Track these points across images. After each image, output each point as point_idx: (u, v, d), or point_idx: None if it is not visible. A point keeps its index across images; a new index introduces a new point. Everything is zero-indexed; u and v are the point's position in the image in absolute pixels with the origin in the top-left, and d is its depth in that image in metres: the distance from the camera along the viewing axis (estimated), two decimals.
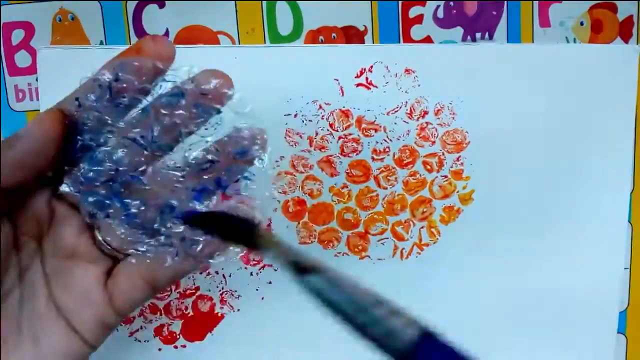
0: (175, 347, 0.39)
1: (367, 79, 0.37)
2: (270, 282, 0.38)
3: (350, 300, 0.18)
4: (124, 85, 0.23)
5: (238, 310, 0.39)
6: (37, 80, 0.37)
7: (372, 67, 0.37)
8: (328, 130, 0.38)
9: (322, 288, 0.19)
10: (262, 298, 0.39)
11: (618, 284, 0.40)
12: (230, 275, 0.39)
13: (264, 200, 0.26)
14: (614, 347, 0.40)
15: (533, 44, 0.39)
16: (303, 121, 0.37)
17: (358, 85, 0.37)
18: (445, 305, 0.39)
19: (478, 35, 0.39)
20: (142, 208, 0.25)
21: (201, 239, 0.25)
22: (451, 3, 0.38)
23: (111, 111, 0.24)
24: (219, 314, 0.39)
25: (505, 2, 0.38)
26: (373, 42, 0.38)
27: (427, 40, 0.38)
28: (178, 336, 0.39)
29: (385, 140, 0.38)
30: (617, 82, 0.38)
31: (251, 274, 0.39)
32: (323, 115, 0.37)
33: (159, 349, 0.39)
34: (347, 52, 0.37)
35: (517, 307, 0.40)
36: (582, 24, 0.39)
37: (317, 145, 0.38)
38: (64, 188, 0.24)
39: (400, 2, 0.38)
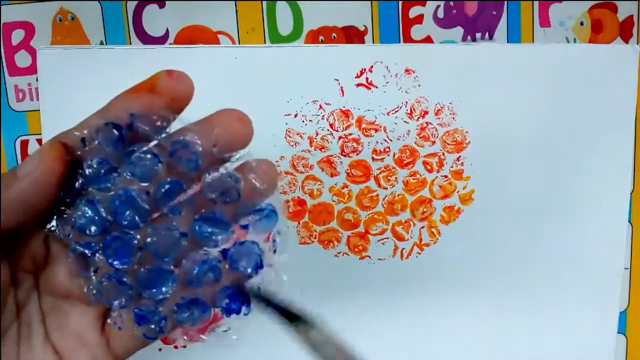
0: (176, 347, 0.39)
1: (367, 79, 0.37)
2: (270, 283, 0.38)
3: None
4: (139, 134, 0.21)
5: None
6: (37, 80, 0.37)
7: (372, 67, 0.37)
8: (328, 130, 0.38)
9: None
10: None
11: (618, 284, 0.40)
12: None
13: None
14: (614, 347, 0.40)
15: (533, 44, 0.39)
16: (303, 121, 0.37)
17: (358, 85, 0.37)
18: (445, 305, 0.39)
19: (478, 35, 0.39)
20: (134, 268, 0.23)
21: (195, 313, 0.24)
22: (451, 3, 0.38)
23: (118, 158, 0.22)
24: (219, 314, 0.39)
25: (505, 2, 0.38)
26: (373, 42, 0.38)
27: (427, 40, 0.38)
28: None
29: (386, 140, 0.38)
30: (617, 82, 0.38)
31: None
32: (323, 115, 0.37)
33: (159, 349, 0.39)
34: (347, 52, 0.37)
35: (517, 307, 0.40)
36: (582, 24, 0.39)
37: (318, 145, 0.38)
38: (52, 228, 0.23)
39: (400, 2, 0.38)
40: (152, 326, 0.24)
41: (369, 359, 0.20)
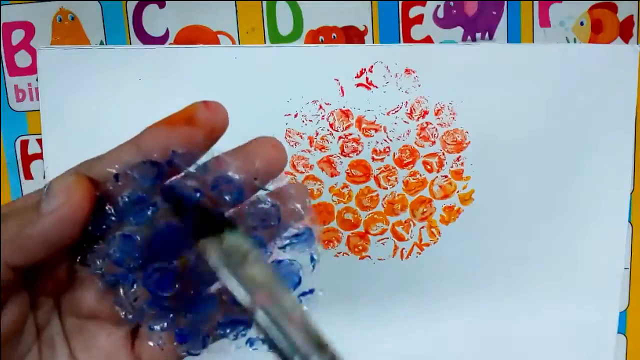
0: None
1: (367, 79, 0.37)
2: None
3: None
4: (179, 169, 0.21)
5: None
6: (37, 80, 0.37)
7: (372, 67, 0.37)
8: (328, 130, 0.38)
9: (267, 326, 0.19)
10: None
11: (618, 284, 0.40)
12: None
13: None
14: (614, 347, 0.40)
15: (533, 44, 0.39)
16: (303, 121, 0.37)
17: (358, 85, 0.37)
18: (445, 305, 0.39)
19: (478, 35, 0.39)
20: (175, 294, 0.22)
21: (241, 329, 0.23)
22: (451, 3, 0.38)
23: (153, 191, 0.21)
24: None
25: (505, 2, 0.38)
26: (373, 42, 0.38)
27: (427, 40, 0.38)
28: None
29: (386, 140, 0.38)
30: (617, 82, 0.38)
31: None
32: (323, 115, 0.37)
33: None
34: (347, 52, 0.37)
35: (517, 307, 0.40)
36: (582, 24, 0.39)
37: (318, 145, 0.38)
38: (87, 264, 0.22)
39: (400, 2, 0.38)
40: (195, 344, 0.23)
41: (369, 358, 0.20)
